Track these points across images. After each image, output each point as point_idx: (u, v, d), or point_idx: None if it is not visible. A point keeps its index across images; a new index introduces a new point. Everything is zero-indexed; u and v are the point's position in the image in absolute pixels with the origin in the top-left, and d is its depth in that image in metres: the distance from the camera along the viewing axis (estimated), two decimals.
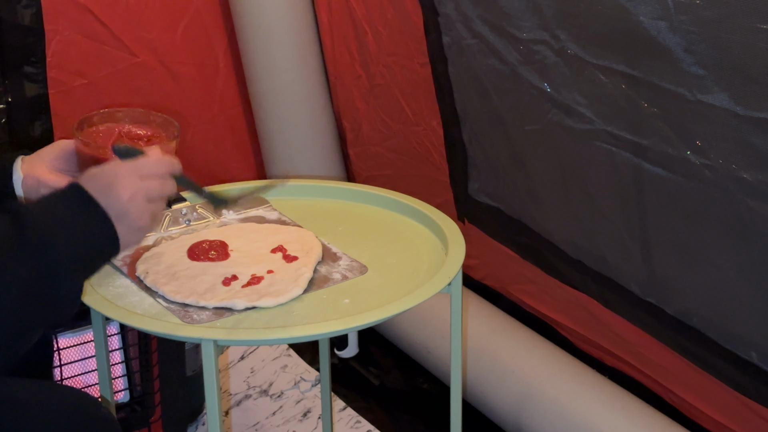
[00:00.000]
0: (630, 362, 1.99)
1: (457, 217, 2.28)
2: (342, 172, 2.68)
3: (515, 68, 1.87)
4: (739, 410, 1.72)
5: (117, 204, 1.18)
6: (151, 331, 1.31)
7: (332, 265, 1.47)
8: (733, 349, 1.66)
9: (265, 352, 2.47)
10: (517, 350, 2.11)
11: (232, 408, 2.26)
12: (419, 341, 2.33)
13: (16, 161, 1.40)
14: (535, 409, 2.00)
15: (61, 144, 1.44)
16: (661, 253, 1.74)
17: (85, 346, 1.86)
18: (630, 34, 1.55)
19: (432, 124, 2.25)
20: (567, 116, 1.79)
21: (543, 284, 2.12)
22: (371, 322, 1.31)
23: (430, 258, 1.50)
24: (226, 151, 2.74)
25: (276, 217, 1.64)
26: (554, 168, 1.91)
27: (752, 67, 1.38)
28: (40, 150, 1.44)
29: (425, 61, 2.17)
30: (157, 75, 2.52)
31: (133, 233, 1.21)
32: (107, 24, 2.39)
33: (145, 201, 1.21)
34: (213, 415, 1.29)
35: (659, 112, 1.58)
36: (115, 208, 1.18)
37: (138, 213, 1.20)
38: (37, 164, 1.41)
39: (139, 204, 1.20)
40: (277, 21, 2.49)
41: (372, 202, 1.69)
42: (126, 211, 1.19)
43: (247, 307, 1.34)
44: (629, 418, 1.88)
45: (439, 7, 2.03)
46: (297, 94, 2.56)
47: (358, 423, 2.20)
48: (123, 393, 1.95)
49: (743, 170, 1.47)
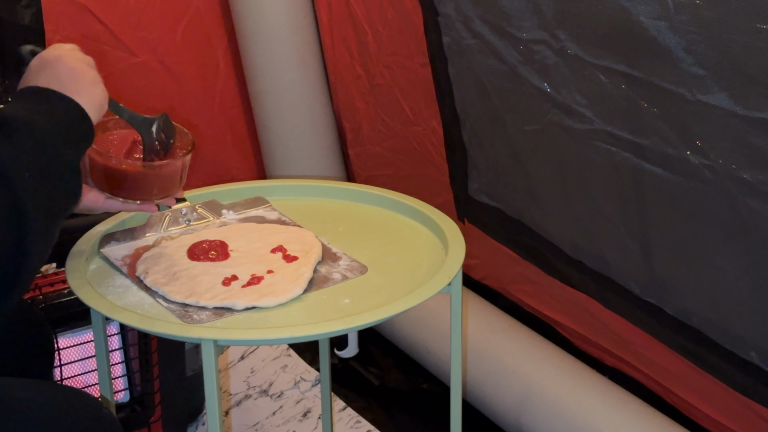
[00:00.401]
0: (630, 362, 1.99)
1: (457, 217, 2.28)
2: (342, 172, 2.68)
3: (515, 68, 1.87)
4: (739, 410, 1.72)
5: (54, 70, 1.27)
6: (151, 331, 1.31)
7: (332, 265, 1.47)
8: (733, 349, 1.66)
9: (265, 352, 2.47)
10: (517, 350, 2.11)
11: (232, 408, 2.26)
12: (419, 341, 2.33)
13: None
14: (535, 409, 2.00)
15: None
16: (661, 253, 1.74)
17: (85, 346, 1.86)
18: (630, 34, 1.55)
19: (432, 124, 2.26)
20: (567, 116, 1.79)
21: (543, 284, 2.12)
22: (371, 322, 1.31)
23: (430, 258, 1.50)
24: (226, 151, 2.74)
25: (276, 217, 1.64)
26: (554, 168, 1.91)
27: (752, 67, 1.38)
28: None
29: (425, 61, 2.17)
30: (157, 75, 2.52)
31: (86, 87, 1.27)
32: (107, 24, 2.39)
33: (73, 57, 1.30)
34: (213, 415, 1.29)
35: (659, 112, 1.58)
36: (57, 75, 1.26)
37: (72, 62, 1.28)
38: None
39: (71, 57, 1.29)
40: (277, 21, 2.49)
41: (372, 202, 1.69)
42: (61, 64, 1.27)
43: (247, 307, 1.34)
44: (629, 418, 1.88)
45: (439, 7, 2.03)
46: (297, 94, 2.56)
47: (358, 423, 2.20)
48: (123, 393, 1.95)
49: (743, 170, 1.47)
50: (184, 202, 1.62)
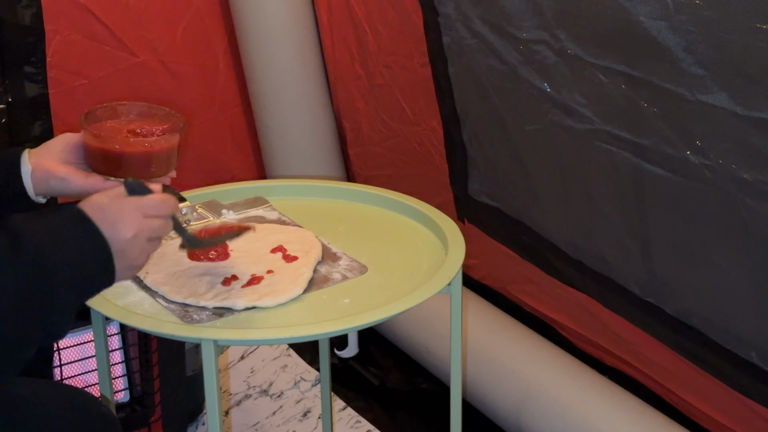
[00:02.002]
0: (630, 362, 1.99)
1: (457, 217, 2.28)
2: (342, 172, 2.68)
3: (515, 68, 1.87)
4: (739, 410, 1.72)
5: (120, 241, 1.18)
6: (151, 331, 1.31)
7: (332, 265, 1.47)
8: (733, 349, 1.66)
9: (265, 352, 2.47)
10: (517, 350, 2.11)
11: (232, 408, 2.26)
12: (419, 341, 2.33)
13: (22, 154, 1.41)
14: (535, 409, 2.00)
15: (66, 137, 1.44)
16: (661, 253, 1.74)
17: (85, 346, 1.86)
18: (630, 34, 1.55)
19: (432, 124, 2.25)
20: (567, 116, 1.79)
21: (543, 284, 2.12)
22: (371, 322, 1.31)
23: (430, 258, 1.50)
24: (226, 151, 2.74)
25: (276, 217, 1.64)
26: (554, 168, 1.91)
27: (752, 67, 1.38)
28: (46, 142, 1.44)
29: (425, 61, 2.17)
30: (157, 75, 2.52)
31: (128, 270, 1.21)
32: (107, 24, 2.39)
33: (146, 241, 1.22)
34: (213, 415, 1.29)
35: (659, 112, 1.58)
36: (118, 244, 1.18)
37: (137, 252, 1.21)
38: (46, 156, 1.41)
39: (140, 243, 1.21)
40: (277, 21, 2.49)
41: (372, 202, 1.69)
42: (127, 249, 1.19)
43: (247, 307, 1.34)
44: (629, 418, 1.88)
45: (439, 7, 2.03)
46: (297, 94, 2.56)
47: (358, 423, 2.20)
48: (123, 393, 1.95)
49: (743, 170, 1.47)
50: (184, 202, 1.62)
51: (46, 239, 1.13)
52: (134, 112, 1.49)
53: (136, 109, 1.49)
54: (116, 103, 1.49)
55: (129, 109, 1.49)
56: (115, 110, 1.48)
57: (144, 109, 1.49)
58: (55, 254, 1.12)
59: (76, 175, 1.40)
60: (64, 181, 1.39)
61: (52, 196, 1.43)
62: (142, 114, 1.49)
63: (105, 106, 1.46)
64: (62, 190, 1.41)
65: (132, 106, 1.50)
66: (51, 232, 1.14)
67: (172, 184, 1.68)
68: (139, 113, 1.49)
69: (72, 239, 1.15)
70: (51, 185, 1.39)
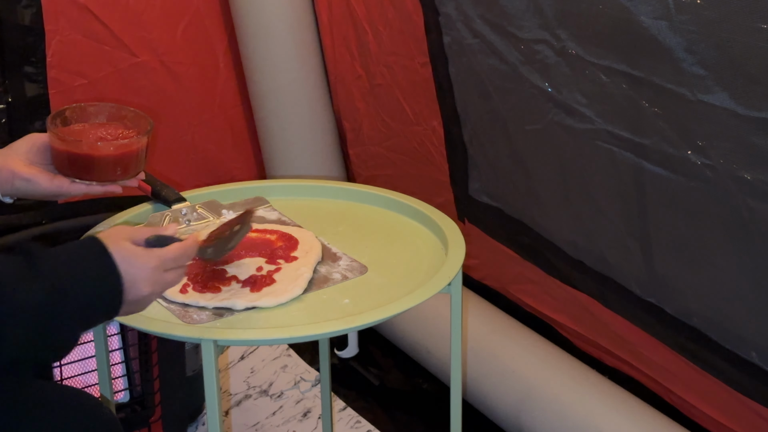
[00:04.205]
0: (630, 362, 1.98)
1: (457, 217, 2.28)
2: (342, 172, 2.68)
3: (516, 68, 1.87)
4: (739, 410, 1.72)
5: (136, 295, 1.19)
6: (151, 331, 1.31)
7: (332, 265, 1.47)
8: (733, 349, 1.66)
9: (265, 352, 2.47)
10: (517, 350, 2.11)
11: (232, 408, 2.26)
12: (419, 341, 2.33)
13: None
14: (535, 409, 2.00)
15: (33, 137, 1.44)
16: (662, 253, 1.74)
17: (85, 346, 1.86)
18: (631, 33, 1.55)
19: (432, 124, 2.25)
20: (568, 116, 1.79)
21: (543, 284, 2.12)
22: (371, 322, 1.31)
23: (430, 258, 1.50)
24: (226, 151, 2.74)
25: (276, 217, 1.64)
26: (555, 168, 1.91)
27: (753, 67, 1.38)
28: (12, 143, 1.43)
29: (426, 60, 2.17)
30: (157, 75, 2.52)
31: (132, 311, 1.24)
32: (107, 24, 2.39)
33: (160, 293, 1.25)
34: (213, 415, 1.29)
35: (660, 112, 1.58)
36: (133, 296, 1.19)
37: (148, 302, 1.24)
38: (11, 157, 1.40)
39: (153, 297, 1.23)
40: (277, 21, 2.48)
41: (372, 202, 1.69)
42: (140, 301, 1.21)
43: (247, 307, 1.34)
44: (629, 418, 1.88)
45: (440, 7, 2.03)
46: (297, 94, 2.56)
47: (358, 423, 2.20)
48: (123, 393, 1.95)
49: (744, 170, 1.47)
50: (184, 202, 1.62)
51: (65, 272, 1.14)
52: (103, 113, 1.49)
53: (105, 110, 1.50)
54: (85, 104, 1.49)
55: (98, 110, 1.49)
56: (84, 111, 1.48)
57: (113, 110, 1.50)
58: (73, 289, 1.13)
59: (42, 176, 1.40)
60: (29, 182, 1.39)
61: (18, 197, 1.42)
62: (111, 115, 1.49)
63: (74, 107, 1.47)
64: (27, 191, 1.40)
65: (101, 107, 1.50)
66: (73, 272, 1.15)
67: (172, 184, 1.68)
68: (108, 115, 1.49)
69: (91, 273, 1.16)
70: (16, 186, 1.39)
